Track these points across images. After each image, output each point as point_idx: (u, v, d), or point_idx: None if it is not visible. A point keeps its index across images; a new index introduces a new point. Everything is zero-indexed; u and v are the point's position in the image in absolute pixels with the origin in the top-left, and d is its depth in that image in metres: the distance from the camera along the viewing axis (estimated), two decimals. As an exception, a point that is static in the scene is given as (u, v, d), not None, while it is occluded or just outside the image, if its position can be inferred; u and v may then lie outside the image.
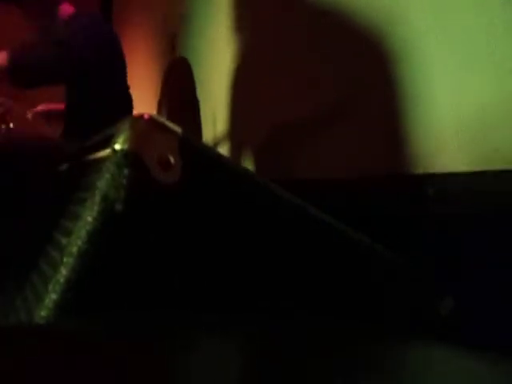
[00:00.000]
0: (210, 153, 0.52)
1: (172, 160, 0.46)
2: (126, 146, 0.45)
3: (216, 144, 1.86)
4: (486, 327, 0.74)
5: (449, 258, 0.82)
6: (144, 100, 2.63)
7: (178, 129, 0.48)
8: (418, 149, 0.94)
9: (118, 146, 0.46)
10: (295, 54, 1.36)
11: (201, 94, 2.04)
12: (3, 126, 1.68)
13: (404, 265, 0.68)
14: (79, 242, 0.42)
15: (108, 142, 0.47)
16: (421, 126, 0.93)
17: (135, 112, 1.92)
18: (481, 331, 0.72)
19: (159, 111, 2.47)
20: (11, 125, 1.72)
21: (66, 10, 1.75)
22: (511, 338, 0.70)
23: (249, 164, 1.62)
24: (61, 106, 1.88)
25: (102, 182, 0.45)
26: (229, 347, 0.37)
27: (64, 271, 0.41)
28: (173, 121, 0.48)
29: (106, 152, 0.47)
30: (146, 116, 0.47)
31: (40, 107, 2.01)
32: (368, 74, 1.08)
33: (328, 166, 1.22)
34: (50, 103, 2.01)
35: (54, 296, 0.40)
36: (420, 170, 0.93)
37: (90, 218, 0.43)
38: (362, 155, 1.10)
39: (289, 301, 0.55)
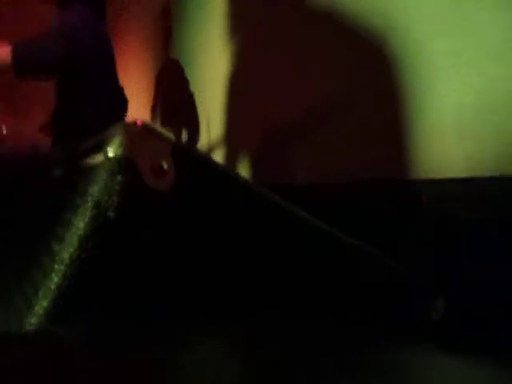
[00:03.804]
0: (202, 159, 0.53)
1: (165, 166, 0.46)
2: (119, 152, 0.45)
3: (210, 149, 1.86)
4: (483, 331, 0.74)
5: (447, 262, 0.82)
6: (138, 104, 2.62)
7: (170, 135, 0.48)
8: (418, 154, 0.94)
9: (111, 152, 0.46)
10: (291, 57, 1.36)
11: (195, 98, 2.04)
12: None
13: (397, 268, 0.68)
14: (71, 249, 0.42)
15: (101, 147, 0.47)
16: (422, 132, 0.92)
17: (129, 117, 1.91)
18: (477, 335, 0.72)
19: (153, 115, 2.47)
20: (4, 130, 1.71)
21: None
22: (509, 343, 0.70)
23: (243, 169, 1.62)
24: None
25: (95, 188, 0.44)
26: (225, 350, 0.37)
27: (55, 278, 0.41)
28: (167, 125, 0.48)
29: (99, 158, 0.47)
30: (139, 122, 0.47)
31: None
32: (368, 78, 1.08)
33: (324, 170, 1.22)
34: None
35: (44, 303, 0.40)
36: (418, 175, 0.94)
37: (82, 225, 0.43)
38: (359, 160, 1.10)
39: (282, 302, 0.55)
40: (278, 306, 0.54)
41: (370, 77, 1.07)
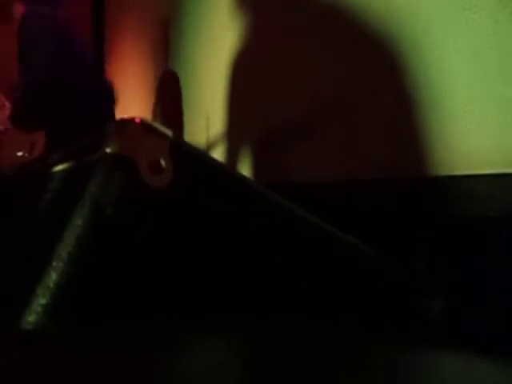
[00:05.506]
0: (201, 156, 0.52)
1: (163, 163, 0.46)
2: (117, 150, 0.45)
3: (209, 147, 1.86)
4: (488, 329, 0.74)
5: (452, 261, 0.82)
6: (136, 103, 2.62)
7: (169, 132, 0.48)
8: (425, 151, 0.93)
9: (109, 150, 0.45)
10: (290, 56, 1.36)
11: (194, 96, 2.04)
12: None
13: (393, 266, 0.68)
14: (69, 247, 0.42)
15: (99, 145, 0.47)
16: (432, 129, 0.91)
17: (127, 116, 1.90)
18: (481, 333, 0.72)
19: (152, 114, 2.46)
20: (1, 127, 1.71)
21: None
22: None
23: (242, 167, 1.62)
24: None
25: (93, 186, 0.44)
26: (224, 351, 0.37)
27: (54, 275, 0.41)
28: (165, 124, 0.48)
29: (97, 155, 0.47)
30: (137, 120, 0.47)
31: None
32: (369, 76, 1.07)
33: (324, 168, 1.22)
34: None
35: (42, 301, 0.40)
36: (426, 174, 0.93)
37: (80, 222, 0.43)
38: (359, 158, 1.10)
39: (278, 303, 0.55)
40: (276, 306, 0.54)
41: (372, 74, 1.07)
